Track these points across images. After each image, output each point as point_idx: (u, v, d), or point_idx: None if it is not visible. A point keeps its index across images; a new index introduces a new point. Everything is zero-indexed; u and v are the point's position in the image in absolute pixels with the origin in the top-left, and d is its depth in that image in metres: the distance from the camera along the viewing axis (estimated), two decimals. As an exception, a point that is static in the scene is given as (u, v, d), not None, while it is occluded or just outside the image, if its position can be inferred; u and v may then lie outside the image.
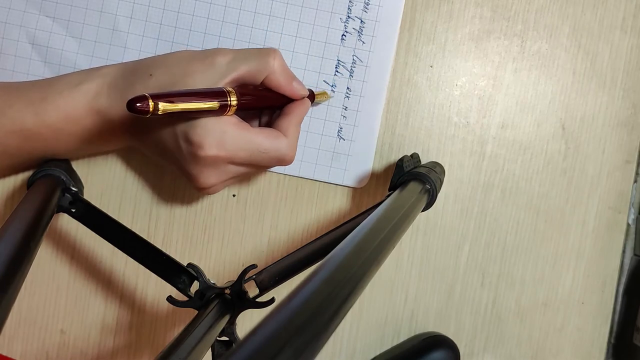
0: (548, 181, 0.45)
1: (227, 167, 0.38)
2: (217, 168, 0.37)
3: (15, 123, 0.38)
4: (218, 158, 0.36)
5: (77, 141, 0.40)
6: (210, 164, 0.37)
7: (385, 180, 0.45)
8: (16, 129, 0.39)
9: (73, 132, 0.39)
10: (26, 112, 0.38)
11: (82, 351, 0.47)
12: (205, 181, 0.38)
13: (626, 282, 0.46)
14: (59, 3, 0.45)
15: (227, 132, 0.36)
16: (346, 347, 0.46)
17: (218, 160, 0.37)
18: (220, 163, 0.37)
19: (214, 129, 0.36)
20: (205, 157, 0.36)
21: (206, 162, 0.37)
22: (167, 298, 0.37)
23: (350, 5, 0.44)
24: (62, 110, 0.38)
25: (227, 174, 0.38)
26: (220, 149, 0.36)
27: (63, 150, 0.41)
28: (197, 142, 0.36)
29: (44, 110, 0.38)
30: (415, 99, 0.45)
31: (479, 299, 0.46)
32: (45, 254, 0.46)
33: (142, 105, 0.31)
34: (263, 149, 0.37)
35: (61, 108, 0.38)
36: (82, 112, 0.39)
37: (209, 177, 0.38)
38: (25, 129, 0.39)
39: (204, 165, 0.37)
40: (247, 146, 0.37)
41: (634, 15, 0.45)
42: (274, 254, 0.46)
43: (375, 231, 0.28)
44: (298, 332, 0.19)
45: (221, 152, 0.36)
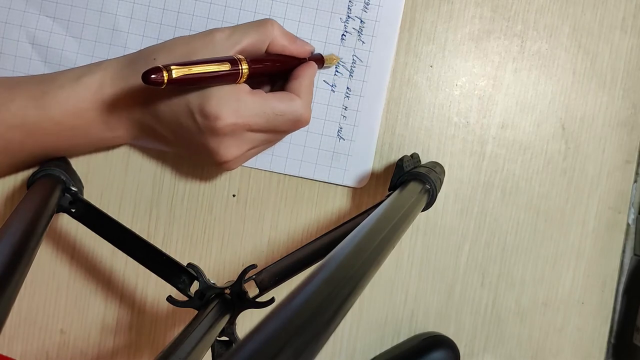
0: (548, 181, 0.45)
1: (246, 136, 0.38)
2: (236, 138, 0.37)
3: (17, 117, 0.38)
4: (236, 126, 0.36)
5: (81, 136, 0.40)
6: (229, 133, 0.37)
7: (385, 180, 0.45)
8: (18, 123, 0.38)
9: (76, 126, 0.39)
10: (28, 106, 0.38)
11: (82, 351, 0.47)
12: (226, 153, 0.38)
13: (626, 282, 0.46)
14: (59, 3, 0.45)
15: (242, 100, 0.36)
16: (346, 347, 0.46)
17: (236, 129, 0.37)
18: (239, 132, 0.37)
19: (228, 98, 0.36)
20: (224, 127, 0.36)
21: (225, 133, 0.37)
22: (167, 298, 0.37)
23: (350, 5, 0.44)
24: (64, 104, 0.38)
25: (247, 143, 0.38)
26: (237, 116, 0.36)
27: (66, 145, 0.41)
28: (214, 113, 0.36)
29: (46, 105, 0.38)
30: (415, 99, 0.45)
31: (479, 299, 0.46)
32: (45, 254, 0.46)
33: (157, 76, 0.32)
34: (279, 112, 0.38)
35: (63, 102, 0.38)
36: (85, 105, 0.38)
37: (230, 149, 0.38)
38: (27, 123, 0.38)
39: (223, 136, 0.37)
40: (263, 111, 0.37)
41: (634, 15, 0.45)
42: (274, 254, 0.46)
43: (375, 231, 0.28)
44: (298, 332, 0.19)
45: (239, 120, 0.36)
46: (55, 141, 0.40)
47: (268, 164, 0.45)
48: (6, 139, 0.39)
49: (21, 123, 0.38)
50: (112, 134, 0.41)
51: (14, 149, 0.40)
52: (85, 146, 0.43)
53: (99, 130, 0.40)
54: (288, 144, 0.45)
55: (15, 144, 0.40)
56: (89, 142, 0.42)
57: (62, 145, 0.41)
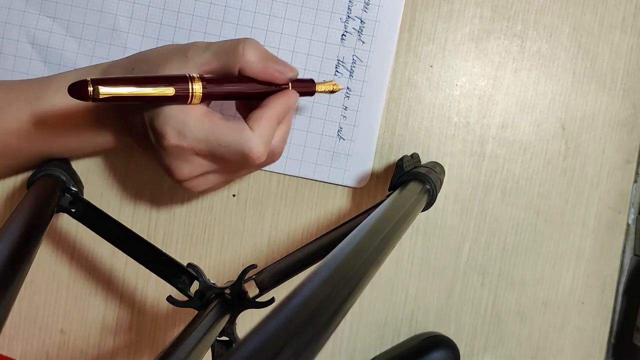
0: (548, 181, 0.45)
1: (194, 160, 0.36)
2: (184, 159, 0.36)
3: (13, 122, 0.38)
4: (180, 148, 0.35)
5: (75, 140, 0.40)
6: (176, 154, 0.35)
7: (385, 180, 0.45)
8: (14, 128, 0.38)
9: (70, 131, 0.39)
10: (23, 110, 0.38)
11: (82, 351, 0.47)
12: (178, 172, 0.36)
13: (626, 282, 0.46)
14: (59, 3, 0.45)
15: (187, 122, 0.34)
16: (346, 347, 0.46)
17: (182, 151, 0.35)
18: (186, 154, 0.35)
19: (174, 118, 0.34)
20: (168, 147, 0.35)
21: (172, 153, 0.35)
22: (167, 298, 0.37)
23: (350, 5, 0.44)
24: (58, 109, 0.38)
25: (199, 166, 0.36)
26: (180, 139, 0.34)
27: (61, 150, 0.41)
28: (159, 131, 0.34)
29: (41, 109, 0.38)
30: (415, 99, 0.45)
31: (479, 299, 0.46)
32: (45, 254, 0.46)
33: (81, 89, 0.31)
34: (223, 142, 0.34)
35: (57, 106, 0.38)
36: (77, 110, 0.38)
37: (180, 169, 0.36)
38: (23, 128, 0.39)
39: (171, 156, 0.35)
40: (206, 137, 0.34)
41: (634, 15, 0.45)
42: (274, 254, 0.46)
43: (375, 231, 0.28)
44: (298, 332, 0.19)
45: (182, 143, 0.34)
46: (51, 146, 0.40)
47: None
48: (3, 143, 0.39)
49: (17, 128, 0.39)
50: (104, 138, 0.41)
51: (12, 153, 0.40)
52: (80, 150, 0.43)
53: (91, 135, 0.40)
54: (288, 144, 0.45)
55: (13, 148, 0.40)
56: (83, 146, 0.42)
57: (58, 150, 0.41)
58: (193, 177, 0.37)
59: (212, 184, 0.39)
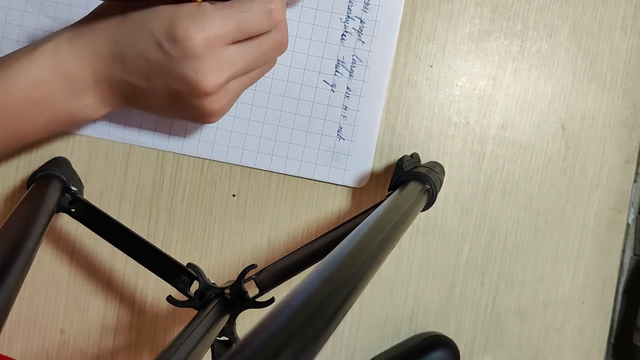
0: (548, 181, 0.45)
1: (221, 55, 0.35)
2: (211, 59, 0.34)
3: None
4: (208, 41, 0.34)
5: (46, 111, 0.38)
6: (203, 54, 0.34)
7: (385, 180, 0.45)
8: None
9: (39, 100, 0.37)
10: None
11: (82, 351, 0.47)
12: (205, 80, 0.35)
13: (626, 282, 0.46)
14: (59, 3, 0.45)
15: (207, 13, 0.34)
16: (346, 347, 0.46)
17: (209, 46, 0.34)
18: (213, 49, 0.34)
19: (193, 15, 0.33)
20: (196, 46, 0.33)
21: (198, 54, 0.34)
22: (167, 298, 0.37)
23: (350, 5, 0.44)
24: (22, 77, 0.36)
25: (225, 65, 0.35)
26: (207, 29, 0.33)
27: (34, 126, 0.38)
28: (182, 34, 0.33)
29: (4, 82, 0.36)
30: (415, 99, 0.45)
31: (479, 299, 0.46)
32: (45, 254, 0.46)
33: None
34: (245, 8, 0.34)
35: (20, 75, 0.36)
36: (44, 74, 0.36)
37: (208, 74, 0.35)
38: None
39: (198, 59, 0.34)
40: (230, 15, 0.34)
41: (634, 15, 0.45)
42: (274, 254, 0.46)
43: (375, 231, 0.28)
44: (298, 332, 0.19)
45: (209, 33, 0.33)
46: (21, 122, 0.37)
47: (268, 164, 0.45)
48: None
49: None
50: (80, 103, 0.38)
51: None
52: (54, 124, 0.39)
53: (65, 101, 0.37)
54: (288, 144, 0.45)
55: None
56: (57, 118, 0.38)
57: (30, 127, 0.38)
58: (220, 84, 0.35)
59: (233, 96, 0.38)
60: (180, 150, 0.45)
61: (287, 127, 0.45)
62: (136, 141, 0.45)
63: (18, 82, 0.36)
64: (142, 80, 0.36)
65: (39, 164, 0.45)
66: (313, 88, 0.44)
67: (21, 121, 0.37)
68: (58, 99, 0.37)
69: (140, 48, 0.35)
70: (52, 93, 0.37)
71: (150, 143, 0.45)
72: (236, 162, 0.45)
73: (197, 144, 0.45)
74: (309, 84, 0.44)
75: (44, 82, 0.36)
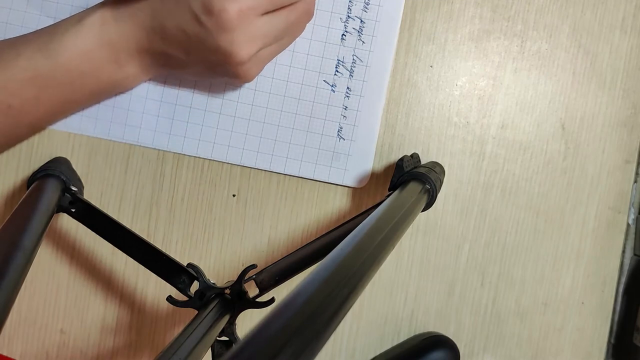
0: (548, 181, 0.45)
1: (255, 25, 0.37)
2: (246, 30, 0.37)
3: (28, 70, 0.38)
4: (242, 12, 0.36)
5: (92, 82, 0.40)
6: (238, 25, 0.36)
7: (385, 180, 0.45)
8: (29, 76, 0.38)
9: (87, 71, 0.39)
10: (36, 57, 0.38)
11: (82, 351, 0.47)
12: (240, 51, 0.37)
13: (626, 282, 0.46)
14: (60, 3, 0.45)
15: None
16: (346, 347, 0.46)
17: (244, 17, 0.36)
18: (247, 20, 0.36)
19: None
20: (231, 19, 0.36)
21: (234, 26, 0.36)
22: (167, 298, 0.37)
23: (350, 5, 0.44)
24: (71, 48, 0.38)
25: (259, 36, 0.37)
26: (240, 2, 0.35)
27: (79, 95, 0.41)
28: (218, 7, 0.35)
29: (54, 52, 0.38)
30: (415, 99, 0.45)
31: (479, 299, 0.46)
32: (45, 254, 0.46)
33: None
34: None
35: (70, 46, 0.38)
36: (92, 46, 0.38)
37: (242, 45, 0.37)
38: (38, 75, 0.38)
39: (233, 31, 0.36)
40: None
41: (634, 15, 0.45)
42: (274, 254, 0.46)
43: (375, 231, 0.28)
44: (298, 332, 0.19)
45: (243, 5, 0.35)
46: (69, 92, 0.40)
47: (268, 164, 0.45)
48: (21, 96, 0.39)
49: (32, 76, 0.38)
50: (124, 73, 0.41)
51: (30, 106, 0.40)
52: (98, 93, 0.42)
53: (110, 71, 0.40)
54: (288, 144, 0.45)
55: (31, 100, 0.39)
56: (101, 87, 0.41)
57: (77, 96, 0.41)
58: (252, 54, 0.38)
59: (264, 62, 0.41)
60: (180, 150, 0.45)
61: (287, 127, 0.45)
62: (136, 141, 0.45)
63: (67, 54, 0.38)
64: (181, 52, 0.39)
65: (39, 164, 0.45)
66: (313, 88, 0.44)
67: (69, 91, 0.40)
68: (103, 69, 0.40)
69: (179, 21, 0.37)
70: (98, 63, 0.39)
71: (150, 143, 0.45)
72: (236, 162, 0.45)
73: (197, 144, 0.45)
74: (309, 83, 0.44)
75: (92, 53, 0.39)
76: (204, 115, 0.45)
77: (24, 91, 0.38)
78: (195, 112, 0.45)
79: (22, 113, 0.40)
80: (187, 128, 0.45)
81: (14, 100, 0.39)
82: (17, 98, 0.39)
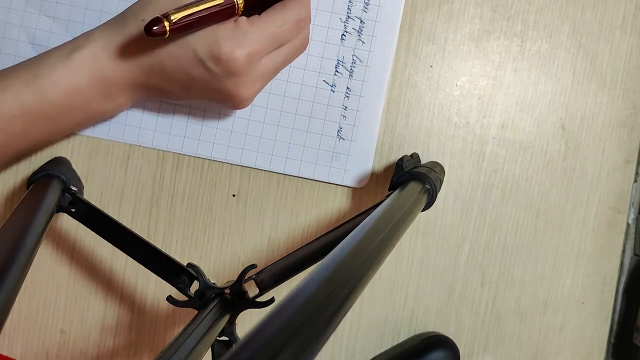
0: (548, 181, 0.45)
1: (259, 67, 0.38)
2: (251, 73, 0.37)
3: (15, 106, 0.37)
4: (250, 58, 0.36)
5: (81, 114, 0.40)
6: (245, 70, 0.37)
7: (385, 180, 0.45)
8: (17, 112, 0.37)
9: (76, 105, 0.39)
10: (23, 93, 0.37)
11: (82, 351, 0.47)
12: (245, 92, 0.38)
13: (626, 282, 0.46)
14: (59, 3, 0.45)
15: (247, 32, 0.36)
16: (346, 347, 0.46)
17: (251, 62, 0.37)
18: (253, 63, 0.37)
19: (235, 36, 0.36)
20: (239, 66, 0.36)
21: (241, 70, 0.37)
22: (167, 298, 0.37)
23: (350, 5, 0.44)
24: (60, 85, 0.37)
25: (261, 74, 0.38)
26: (248, 49, 0.36)
27: (68, 126, 0.41)
28: (226, 55, 0.36)
29: (41, 88, 0.37)
30: (415, 99, 0.45)
31: (479, 299, 0.46)
32: (45, 254, 0.46)
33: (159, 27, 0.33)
34: (280, 23, 0.37)
35: (58, 82, 0.37)
36: (82, 82, 0.38)
37: (247, 86, 0.38)
38: (26, 111, 0.37)
39: (240, 75, 0.37)
40: (267, 31, 0.37)
41: (634, 15, 0.45)
42: (274, 254, 0.46)
43: (375, 231, 0.28)
44: (298, 332, 0.19)
45: (251, 51, 0.36)
46: (57, 124, 0.39)
47: (268, 164, 0.45)
48: (9, 131, 0.38)
49: (21, 112, 0.37)
50: (114, 104, 0.41)
51: (18, 139, 0.39)
52: (86, 122, 0.42)
53: (100, 104, 0.40)
54: (288, 144, 0.45)
55: (19, 134, 0.39)
56: (90, 118, 0.41)
57: (64, 127, 0.41)
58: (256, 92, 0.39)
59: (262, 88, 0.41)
60: (180, 150, 0.45)
61: (287, 127, 0.45)
62: (136, 141, 0.45)
63: (56, 90, 0.37)
64: (179, 89, 0.39)
65: (39, 164, 0.45)
66: (313, 88, 0.44)
67: (57, 123, 0.39)
68: (94, 102, 0.39)
69: (183, 65, 0.37)
70: (88, 98, 0.39)
71: (150, 143, 0.45)
72: (236, 162, 0.45)
73: (197, 143, 0.45)
74: (309, 84, 0.44)
75: (82, 89, 0.38)
76: (203, 115, 0.45)
77: (11, 126, 0.38)
78: (195, 112, 0.45)
79: (9, 146, 0.39)
80: (186, 128, 0.45)
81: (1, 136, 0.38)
82: (3, 133, 0.38)
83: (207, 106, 0.45)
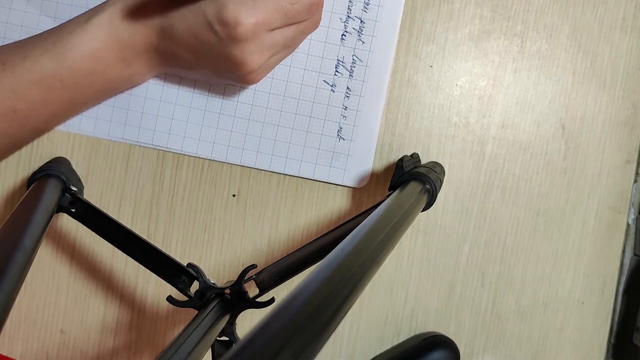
0: (548, 181, 0.45)
1: (267, 38, 0.38)
2: (258, 42, 0.37)
3: (34, 72, 0.38)
4: (257, 27, 0.36)
5: (100, 80, 0.40)
6: (251, 38, 0.37)
7: (385, 180, 0.45)
8: (36, 78, 0.38)
9: (94, 71, 0.39)
10: (42, 59, 0.38)
11: (82, 351, 0.47)
12: (251, 61, 0.38)
13: (626, 282, 0.46)
14: (60, 3, 0.45)
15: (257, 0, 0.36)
16: (346, 347, 0.46)
17: (257, 31, 0.37)
18: (260, 34, 0.37)
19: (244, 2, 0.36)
20: (245, 32, 0.36)
21: (247, 37, 0.36)
22: (167, 298, 0.37)
23: (350, 5, 0.44)
24: (79, 49, 0.38)
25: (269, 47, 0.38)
26: (257, 16, 0.36)
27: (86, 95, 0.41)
28: (233, 19, 0.36)
29: (60, 53, 0.38)
30: (415, 99, 0.45)
31: (479, 299, 0.46)
32: (45, 254, 0.46)
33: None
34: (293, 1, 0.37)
35: (77, 47, 0.38)
36: (100, 45, 0.38)
37: (253, 56, 0.38)
38: (45, 77, 0.38)
39: (245, 42, 0.37)
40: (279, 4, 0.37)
41: (634, 15, 0.45)
42: (274, 254, 0.46)
43: (375, 231, 0.28)
44: (298, 332, 0.19)
45: (259, 19, 0.36)
46: (75, 92, 0.40)
47: (268, 164, 0.45)
48: (28, 99, 0.38)
49: (39, 78, 0.38)
50: (131, 71, 0.41)
51: (38, 108, 0.40)
52: (104, 91, 0.42)
53: (117, 70, 0.40)
54: (288, 144, 0.45)
55: (37, 103, 0.39)
56: (108, 87, 0.42)
57: (83, 97, 0.41)
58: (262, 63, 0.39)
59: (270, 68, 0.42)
60: (180, 149, 0.45)
61: (287, 127, 0.45)
62: (136, 141, 0.45)
63: (75, 54, 0.38)
64: (190, 54, 0.39)
65: (39, 164, 0.45)
66: (313, 88, 0.44)
67: (76, 91, 0.40)
68: (111, 68, 0.40)
69: (191, 26, 0.37)
70: (105, 62, 0.39)
71: (150, 142, 0.45)
72: (236, 162, 0.45)
73: (197, 143, 0.45)
74: (309, 84, 0.44)
75: (100, 52, 0.38)
76: (203, 114, 0.45)
77: (30, 94, 0.38)
78: (195, 112, 0.45)
79: (28, 116, 0.40)
80: (186, 128, 0.45)
81: (20, 104, 0.38)
82: (24, 101, 0.38)
83: (208, 104, 0.45)
